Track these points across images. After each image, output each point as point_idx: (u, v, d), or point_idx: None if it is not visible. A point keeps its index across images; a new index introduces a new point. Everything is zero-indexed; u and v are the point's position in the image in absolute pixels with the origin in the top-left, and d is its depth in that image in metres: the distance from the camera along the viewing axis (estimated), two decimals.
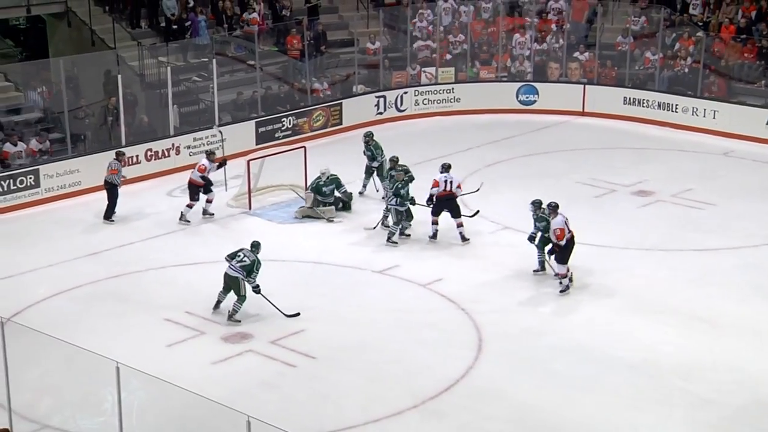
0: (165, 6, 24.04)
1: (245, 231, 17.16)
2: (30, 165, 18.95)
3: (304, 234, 17.50)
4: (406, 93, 24.91)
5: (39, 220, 18.25)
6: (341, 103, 23.87)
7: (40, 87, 21.21)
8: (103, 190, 18.17)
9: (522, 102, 25.25)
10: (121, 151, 18.57)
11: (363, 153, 19.16)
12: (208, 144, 21.21)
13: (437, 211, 16.86)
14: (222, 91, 22.20)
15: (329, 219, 17.87)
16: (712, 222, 17.84)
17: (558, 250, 14.85)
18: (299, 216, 18.15)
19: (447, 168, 16.91)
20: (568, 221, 14.95)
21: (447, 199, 16.74)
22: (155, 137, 20.87)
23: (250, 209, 18.43)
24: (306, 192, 18.46)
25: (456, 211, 16.83)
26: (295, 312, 14.15)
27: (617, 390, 12.30)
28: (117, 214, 17.99)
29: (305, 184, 18.68)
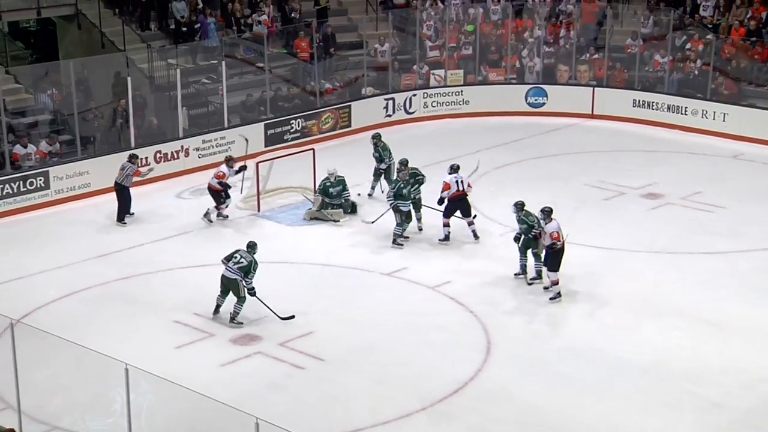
0: (174, 8, 24.11)
1: (254, 233, 17.16)
2: (40, 167, 19.01)
3: (312, 236, 17.51)
4: (414, 95, 24.92)
5: (49, 221, 18.30)
6: (350, 106, 23.89)
7: (50, 89, 21.26)
8: (110, 192, 18.24)
9: (531, 104, 25.23)
10: (135, 154, 18.62)
11: (372, 155, 19.18)
12: (217, 146, 21.30)
13: (449, 213, 16.89)
14: (231, 94, 22.24)
15: (335, 221, 17.88)
16: (721, 225, 17.79)
17: (550, 256, 14.65)
18: (307, 218, 18.17)
19: (455, 169, 16.92)
20: (561, 227, 14.77)
21: (459, 200, 16.80)
22: (164, 139, 20.91)
23: (259, 211, 18.45)
24: (315, 195, 18.48)
25: (467, 211, 16.89)
26: (290, 315, 14.13)
27: (626, 393, 12.28)
28: (134, 215, 18.05)
29: (314, 186, 18.70)
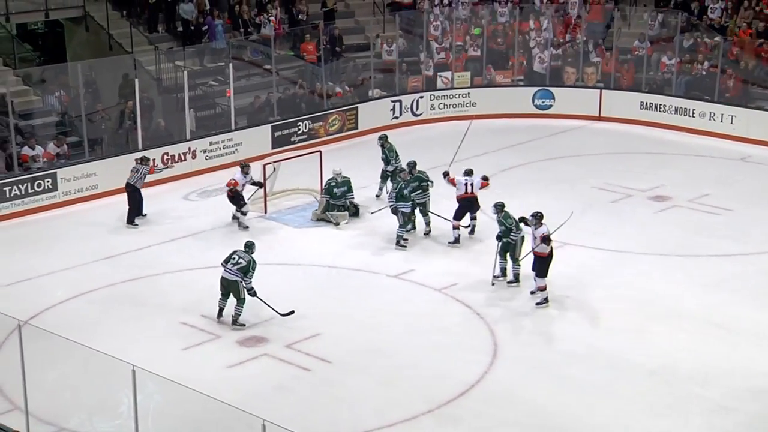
0: (182, 10, 24.13)
1: (260, 234, 17.19)
2: (48, 168, 19.05)
3: (319, 238, 17.51)
4: (421, 97, 24.92)
5: (56, 223, 18.34)
6: (357, 108, 23.90)
7: (57, 91, 21.31)
8: (121, 193, 18.27)
9: (538, 107, 25.20)
10: (146, 157, 18.68)
11: (380, 157, 19.18)
12: (224, 148, 21.32)
13: (459, 216, 16.91)
14: (238, 95, 22.27)
15: (336, 224, 17.85)
16: (729, 227, 17.75)
17: (538, 262, 14.55)
18: (314, 219, 18.18)
19: (469, 173, 16.98)
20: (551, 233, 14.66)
21: (468, 201, 16.83)
22: (172, 141, 20.95)
23: (265, 213, 18.45)
24: (320, 197, 18.46)
25: (475, 210, 17.00)
26: (290, 310, 14.15)
27: (633, 396, 12.25)
28: (138, 217, 18.05)
29: (320, 188, 18.70)
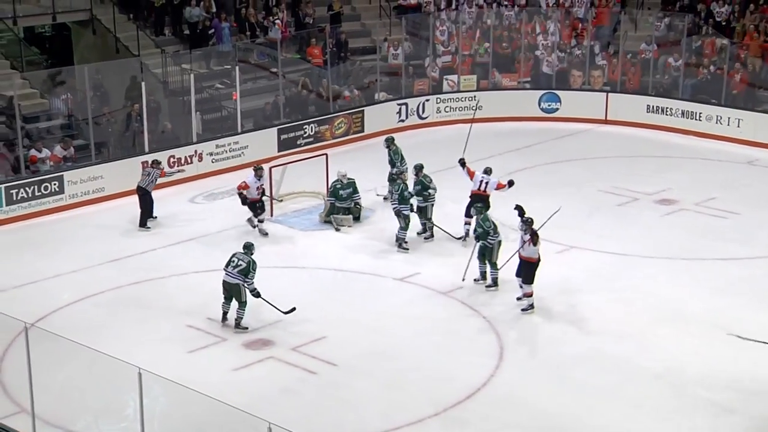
0: (189, 13, 24.17)
1: (266, 237, 17.20)
2: (54, 171, 19.09)
3: (324, 241, 17.51)
4: (428, 100, 24.92)
5: (63, 226, 18.37)
6: (363, 111, 23.91)
7: (64, 94, 21.35)
8: (127, 196, 18.29)
9: (544, 110, 25.19)
10: (158, 160, 18.70)
11: (387, 160, 19.17)
12: (230, 151, 21.35)
13: (470, 211, 16.96)
14: (244, 98, 22.29)
15: (338, 227, 17.83)
16: (735, 231, 17.72)
17: (524, 268, 14.42)
18: (321, 221, 18.18)
19: (488, 171, 17.12)
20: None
21: (479, 199, 16.90)
22: (178, 144, 20.97)
23: (271, 216, 18.46)
24: (326, 200, 18.43)
25: (487, 209, 16.95)
26: (291, 307, 14.15)
27: (639, 399, 12.24)
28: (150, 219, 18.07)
29: (326, 191, 18.70)
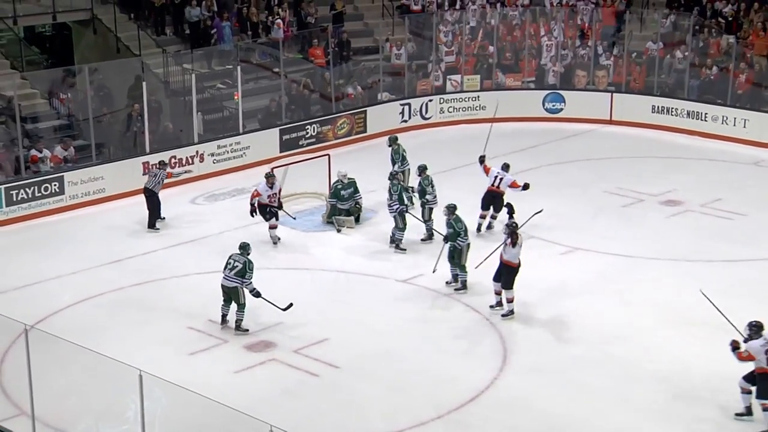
0: (190, 13, 24.16)
1: (268, 239, 17.20)
2: (55, 172, 19.10)
3: (327, 242, 17.51)
4: (431, 101, 24.93)
5: (63, 227, 18.39)
6: (366, 111, 23.92)
7: (65, 94, 21.36)
8: (128, 196, 18.29)
9: (548, 110, 25.19)
10: (164, 161, 18.77)
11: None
12: (231, 151, 21.35)
13: (485, 206, 17.08)
14: (246, 99, 22.30)
15: (338, 229, 17.82)
16: (741, 232, 17.71)
17: (504, 274, 14.28)
18: (324, 221, 18.17)
19: (505, 167, 17.19)
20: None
21: (490, 195, 17.00)
22: (179, 144, 20.98)
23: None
24: (327, 201, 18.41)
25: (498, 207, 17.18)
26: (288, 303, 14.13)
27: (645, 402, 12.22)
28: (146, 222, 18.03)
29: (329, 192, 18.69)
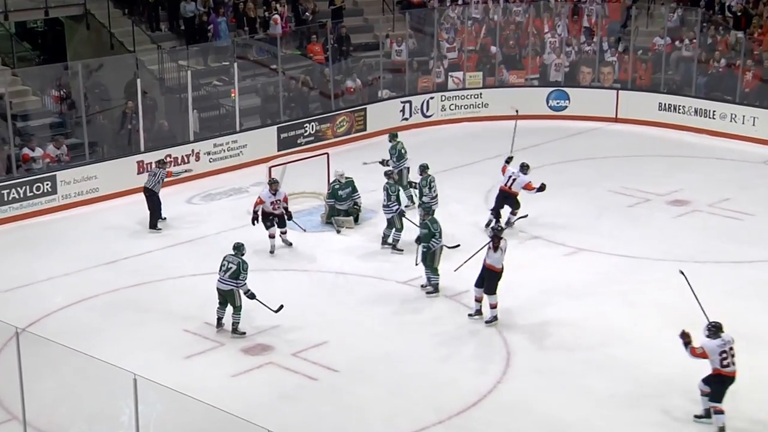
0: (185, 8, 24.18)
1: (265, 239, 17.20)
2: (47, 171, 19.11)
3: (326, 243, 17.51)
4: (432, 98, 24.93)
5: (56, 227, 18.41)
6: (365, 109, 23.92)
7: (57, 91, 21.38)
8: (121, 196, 18.32)
9: (552, 108, 25.19)
10: (163, 160, 18.80)
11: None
12: (228, 150, 21.36)
13: (499, 205, 17.24)
14: (243, 96, 22.30)
15: (338, 231, 17.84)
16: (750, 233, 17.71)
17: (488, 279, 14.20)
18: (323, 221, 18.19)
19: (523, 167, 17.28)
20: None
21: (502, 195, 17.15)
22: (175, 143, 20.99)
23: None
24: (325, 202, 18.41)
25: (514, 206, 17.32)
26: (279, 305, 14.10)
27: (650, 406, 12.22)
28: (141, 221, 18.07)
29: (326, 192, 18.70)
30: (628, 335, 14.08)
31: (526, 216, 16.14)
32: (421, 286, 15.40)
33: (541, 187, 17.17)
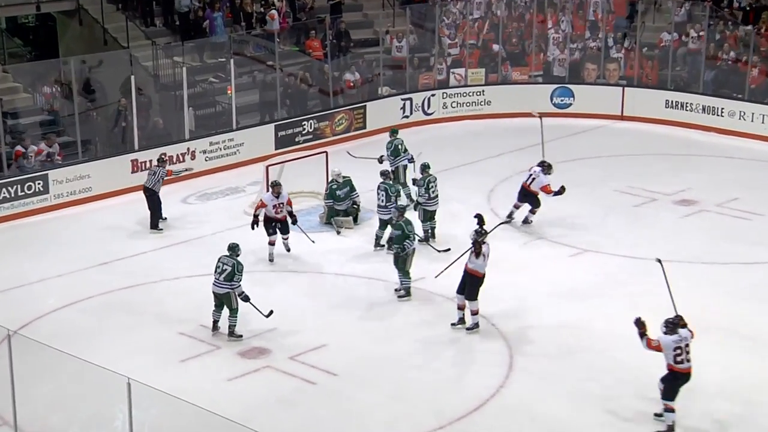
0: (180, 3, 24.20)
1: (263, 240, 17.22)
2: (38, 170, 19.11)
3: (324, 244, 17.51)
4: (433, 95, 24.93)
5: (48, 227, 18.43)
6: (365, 106, 23.92)
7: (49, 88, 21.39)
8: (115, 195, 18.33)
9: (557, 105, 25.20)
10: (163, 159, 18.68)
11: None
12: (224, 148, 21.38)
13: (520, 199, 17.45)
14: (240, 93, 22.32)
15: (338, 231, 17.85)
16: (759, 233, 17.73)
17: (469, 284, 14.07)
18: (322, 222, 18.21)
19: (543, 166, 17.40)
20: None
21: (522, 191, 17.21)
22: (170, 141, 21.01)
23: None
24: (324, 203, 18.42)
25: (534, 203, 17.47)
26: (269, 310, 14.10)
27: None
28: (136, 221, 18.10)
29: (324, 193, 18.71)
30: (632, 338, 14.01)
31: (509, 221, 16.28)
32: (395, 290, 15.37)
33: (560, 191, 17.21)
